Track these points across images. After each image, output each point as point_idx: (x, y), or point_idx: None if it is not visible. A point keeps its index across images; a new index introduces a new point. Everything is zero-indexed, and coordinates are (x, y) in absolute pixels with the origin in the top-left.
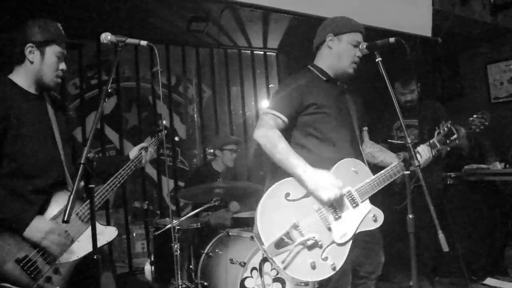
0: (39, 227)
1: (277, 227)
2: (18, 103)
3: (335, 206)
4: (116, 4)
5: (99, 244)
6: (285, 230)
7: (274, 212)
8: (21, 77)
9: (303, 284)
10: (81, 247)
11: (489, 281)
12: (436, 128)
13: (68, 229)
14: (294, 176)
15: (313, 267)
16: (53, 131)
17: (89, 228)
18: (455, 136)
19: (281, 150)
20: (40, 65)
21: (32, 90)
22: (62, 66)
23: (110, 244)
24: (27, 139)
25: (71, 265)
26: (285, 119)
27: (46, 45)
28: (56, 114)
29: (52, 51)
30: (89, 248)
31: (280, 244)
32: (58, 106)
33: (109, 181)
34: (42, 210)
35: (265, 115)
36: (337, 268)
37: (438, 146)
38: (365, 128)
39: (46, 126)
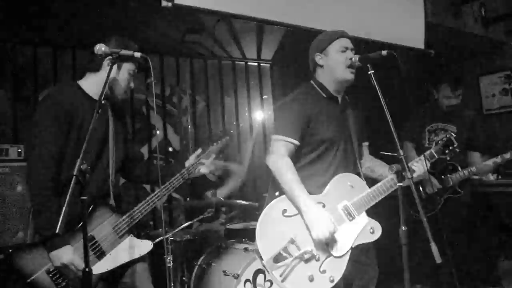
0: (62, 257)
1: (275, 242)
2: (83, 110)
3: (332, 220)
4: (110, 15)
5: (131, 257)
6: (282, 245)
7: (272, 228)
8: (91, 84)
9: None
10: (111, 261)
11: None
12: (435, 137)
13: (101, 243)
14: (295, 206)
15: (311, 280)
16: (108, 143)
17: (123, 242)
18: (455, 146)
19: (288, 180)
20: (114, 78)
21: (97, 97)
22: (132, 84)
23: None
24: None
25: (98, 277)
26: (297, 142)
27: (125, 61)
28: (116, 124)
29: (127, 68)
30: (118, 262)
31: (278, 258)
32: (119, 116)
33: (157, 191)
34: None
35: (276, 141)
36: (336, 281)
37: (436, 156)
38: (366, 144)
39: (103, 135)
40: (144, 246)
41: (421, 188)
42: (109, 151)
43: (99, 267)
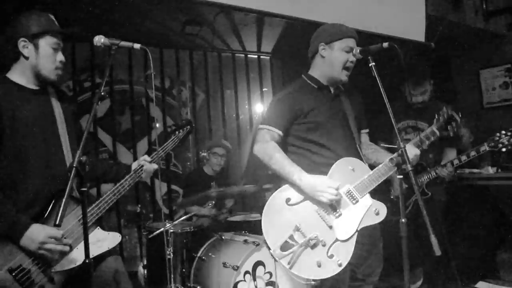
0: (35, 237)
1: (281, 231)
2: (15, 101)
3: (335, 204)
4: (110, 6)
5: (101, 251)
6: (288, 233)
7: (277, 218)
8: (18, 74)
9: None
10: (79, 255)
11: (481, 284)
12: (436, 115)
13: (67, 237)
14: (291, 183)
15: (319, 265)
16: (57, 127)
17: (90, 235)
18: (458, 122)
19: (277, 160)
20: (36, 59)
21: (31, 85)
22: (60, 57)
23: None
24: (26, 137)
25: (67, 273)
26: (280, 133)
27: (39, 37)
28: (63, 107)
29: (47, 42)
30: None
31: (285, 246)
32: (64, 99)
33: (110, 192)
34: (43, 216)
35: (261, 130)
36: (344, 264)
37: (437, 133)
38: (364, 131)
39: (49, 121)
40: (113, 238)
41: (392, 191)
42: (60, 138)
43: (69, 263)
